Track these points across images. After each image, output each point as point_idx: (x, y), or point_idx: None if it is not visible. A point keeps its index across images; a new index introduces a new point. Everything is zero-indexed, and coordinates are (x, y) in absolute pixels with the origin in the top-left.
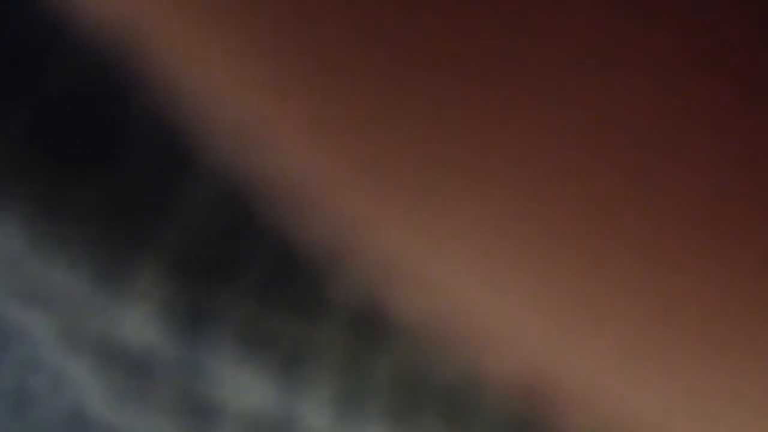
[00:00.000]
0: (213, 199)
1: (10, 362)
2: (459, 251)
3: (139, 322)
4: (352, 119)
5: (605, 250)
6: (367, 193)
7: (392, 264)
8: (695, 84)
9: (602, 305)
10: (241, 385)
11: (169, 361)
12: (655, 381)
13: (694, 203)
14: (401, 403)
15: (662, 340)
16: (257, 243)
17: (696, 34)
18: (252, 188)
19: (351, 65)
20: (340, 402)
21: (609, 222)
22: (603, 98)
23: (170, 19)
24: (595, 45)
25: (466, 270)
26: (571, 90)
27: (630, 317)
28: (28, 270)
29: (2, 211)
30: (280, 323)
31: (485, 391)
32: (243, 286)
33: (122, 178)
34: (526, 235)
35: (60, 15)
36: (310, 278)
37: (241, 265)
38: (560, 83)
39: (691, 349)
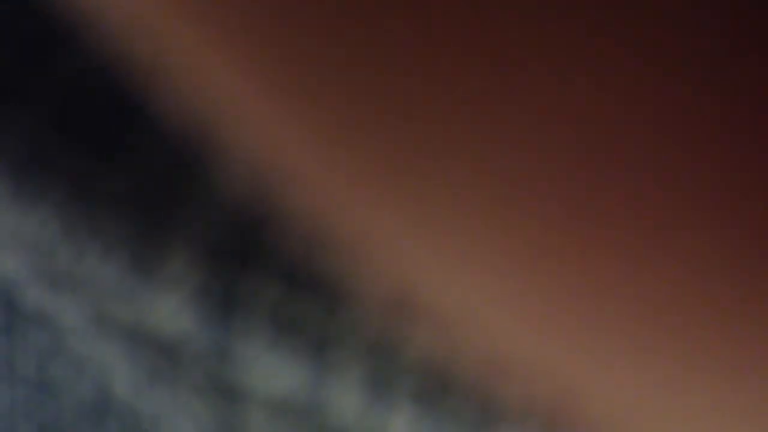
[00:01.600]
0: (242, 183)
1: (34, 348)
2: (451, 243)
3: (170, 308)
4: (355, 127)
5: (587, 245)
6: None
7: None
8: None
9: (589, 302)
10: (271, 370)
11: (199, 346)
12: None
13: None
14: (431, 386)
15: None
16: (286, 227)
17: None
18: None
19: (338, 71)
20: (370, 385)
21: (589, 216)
22: (592, 104)
23: (172, 22)
24: (585, 48)
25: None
26: (560, 94)
27: (610, 315)
28: (59, 257)
29: (34, 198)
30: (310, 307)
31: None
32: (273, 271)
33: (152, 164)
34: (511, 232)
35: (78, 13)
36: (339, 263)
37: (271, 249)
38: (549, 87)
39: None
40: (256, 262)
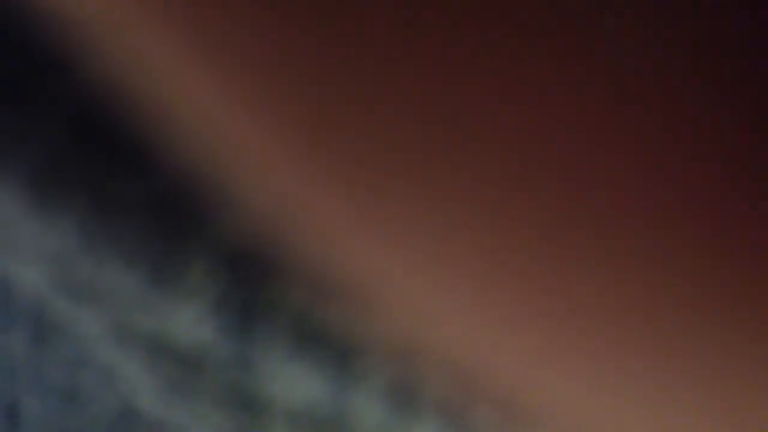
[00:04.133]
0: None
1: (61, 358)
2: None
3: (190, 319)
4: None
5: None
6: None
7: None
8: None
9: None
10: (293, 380)
11: (221, 356)
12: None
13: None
14: (454, 397)
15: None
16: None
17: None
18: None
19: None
20: (392, 395)
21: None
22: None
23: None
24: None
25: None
26: (552, 100)
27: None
28: (80, 267)
29: (54, 210)
30: (332, 317)
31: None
32: (294, 279)
33: (170, 175)
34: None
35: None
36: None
37: (291, 259)
38: (544, 92)
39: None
40: (277, 271)
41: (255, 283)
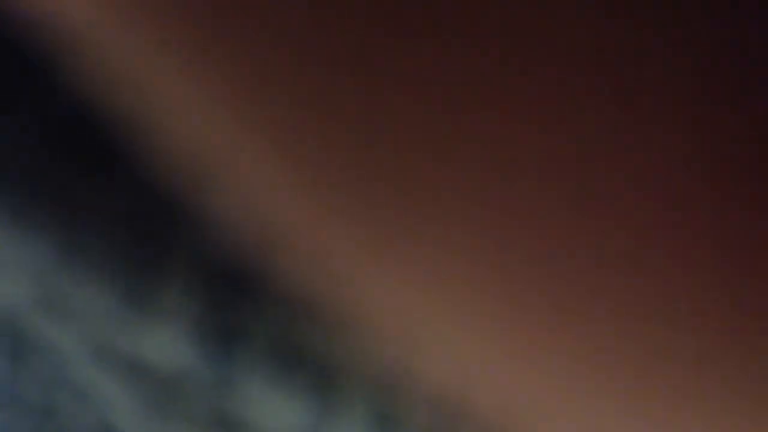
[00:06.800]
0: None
1: (37, 376)
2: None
3: (168, 339)
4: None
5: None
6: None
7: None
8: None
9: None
10: (274, 404)
11: (199, 378)
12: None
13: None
14: (438, 424)
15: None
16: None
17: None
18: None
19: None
20: (376, 422)
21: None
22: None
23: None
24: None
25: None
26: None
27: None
28: (56, 285)
29: (29, 227)
30: (313, 339)
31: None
32: (273, 301)
33: (147, 193)
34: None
35: (62, 35)
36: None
37: (271, 279)
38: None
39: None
40: (256, 291)
41: (236, 304)
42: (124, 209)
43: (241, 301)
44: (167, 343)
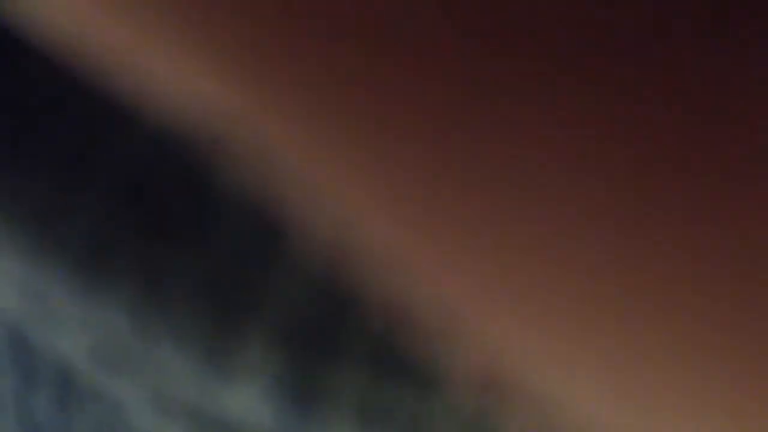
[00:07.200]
0: (317, 270)
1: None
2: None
3: (248, 399)
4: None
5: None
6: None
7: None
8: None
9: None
10: None
11: None
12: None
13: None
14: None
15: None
16: (366, 313)
17: None
18: (354, 258)
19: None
20: None
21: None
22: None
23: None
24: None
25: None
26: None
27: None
28: (133, 348)
29: (106, 291)
30: (396, 396)
31: None
32: (355, 359)
33: (222, 254)
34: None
35: (137, 94)
36: (425, 347)
37: (352, 336)
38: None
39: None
40: (338, 349)
41: (313, 362)
42: (198, 273)
43: (319, 359)
44: (247, 403)
